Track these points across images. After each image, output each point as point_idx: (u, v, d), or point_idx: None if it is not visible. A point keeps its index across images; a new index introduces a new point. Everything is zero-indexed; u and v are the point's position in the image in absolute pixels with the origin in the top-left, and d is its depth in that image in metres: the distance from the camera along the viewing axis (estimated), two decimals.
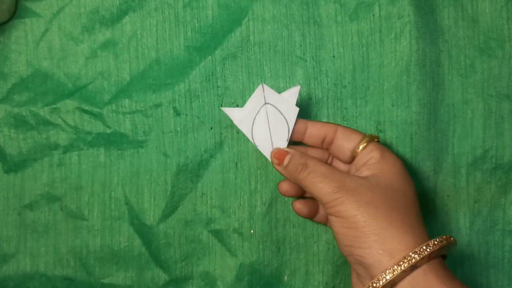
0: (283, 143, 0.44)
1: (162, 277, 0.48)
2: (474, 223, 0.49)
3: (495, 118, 0.48)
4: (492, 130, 0.48)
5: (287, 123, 0.44)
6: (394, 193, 0.40)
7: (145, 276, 0.48)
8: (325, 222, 0.47)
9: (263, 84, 0.44)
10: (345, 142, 0.44)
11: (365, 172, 0.42)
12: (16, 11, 0.47)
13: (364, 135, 0.44)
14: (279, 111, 0.44)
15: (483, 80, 0.48)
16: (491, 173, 0.49)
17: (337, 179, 0.40)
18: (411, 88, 0.48)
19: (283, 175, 0.44)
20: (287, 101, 0.44)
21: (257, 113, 0.44)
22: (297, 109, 0.44)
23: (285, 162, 0.43)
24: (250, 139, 0.45)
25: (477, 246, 0.49)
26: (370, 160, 0.42)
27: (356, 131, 0.44)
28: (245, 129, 0.44)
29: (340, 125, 0.45)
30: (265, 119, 0.44)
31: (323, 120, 0.48)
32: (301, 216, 0.47)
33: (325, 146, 0.45)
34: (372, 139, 0.44)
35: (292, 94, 0.44)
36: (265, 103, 0.44)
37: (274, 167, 0.44)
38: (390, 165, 0.42)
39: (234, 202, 0.49)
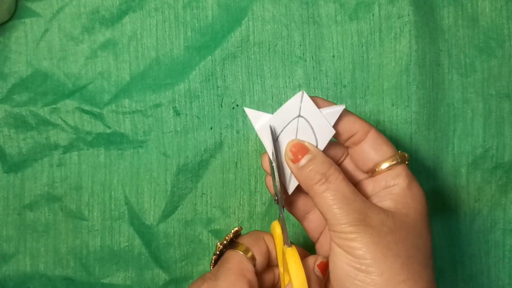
0: None
1: (162, 277, 0.48)
2: (474, 222, 0.49)
3: (495, 117, 0.48)
4: (492, 129, 0.48)
5: (317, 145, 0.37)
6: (416, 239, 0.34)
7: (145, 276, 0.48)
8: (300, 219, 0.41)
9: (304, 92, 0.36)
10: (372, 152, 0.37)
11: (386, 202, 0.35)
12: (16, 11, 0.47)
13: (395, 152, 0.37)
14: (312, 128, 0.37)
15: (483, 79, 0.48)
16: (492, 172, 0.48)
17: (359, 209, 0.33)
18: (411, 88, 0.48)
19: (293, 174, 0.37)
20: (324, 121, 0.36)
21: (286, 125, 0.37)
22: (333, 131, 0.37)
23: (302, 162, 0.36)
24: (269, 153, 0.37)
25: (478, 245, 0.49)
26: (395, 188, 0.36)
27: (388, 143, 0.37)
28: (266, 141, 0.37)
29: (374, 128, 0.37)
30: (293, 134, 0.37)
31: None
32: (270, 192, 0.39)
33: (348, 144, 0.38)
34: (403, 160, 0.37)
35: (333, 114, 0.36)
36: (299, 115, 0.37)
37: (286, 163, 0.37)
38: (416, 202, 0.35)
39: (234, 202, 0.49)
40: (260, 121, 0.37)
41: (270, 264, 0.40)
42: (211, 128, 0.48)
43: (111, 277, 0.48)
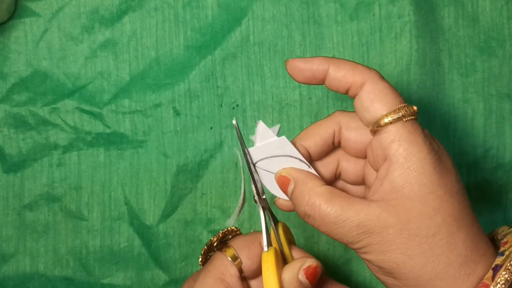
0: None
1: (162, 277, 0.48)
2: None
3: (496, 117, 0.48)
4: (493, 129, 0.48)
5: (293, 157, 0.35)
6: (431, 221, 0.30)
7: (145, 277, 0.48)
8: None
9: (237, 150, 0.37)
10: (362, 110, 0.32)
11: (386, 186, 0.31)
12: (16, 10, 0.47)
13: (398, 105, 0.30)
14: (273, 156, 0.36)
15: (484, 79, 0.48)
16: (492, 172, 0.48)
17: (356, 223, 0.30)
18: (411, 88, 0.48)
19: None
20: (268, 143, 0.35)
21: (262, 178, 0.37)
22: (283, 138, 0.35)
23: (289, 193, 0.35)
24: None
25: None
26: (389, 161, 0.31)
27: (385, 98, 0.31)
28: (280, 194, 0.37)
29: (375, 76, 0.32)
30: (266, 174, 0.37)
31: (324, 117, 0.48)
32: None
33: (351, 95, 0.33)
34: (400, 117, 0.30)
35: (260, 132, 0.35)
36: (253, 163, 0.36)
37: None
38: (416, 173, 0.30)
39: (234, 202, 0.48)
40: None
41: None
42: (211, 128, 0.48)
43: (110, 277, 0.48)
